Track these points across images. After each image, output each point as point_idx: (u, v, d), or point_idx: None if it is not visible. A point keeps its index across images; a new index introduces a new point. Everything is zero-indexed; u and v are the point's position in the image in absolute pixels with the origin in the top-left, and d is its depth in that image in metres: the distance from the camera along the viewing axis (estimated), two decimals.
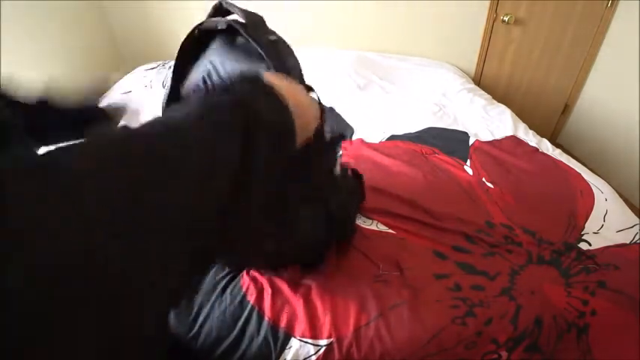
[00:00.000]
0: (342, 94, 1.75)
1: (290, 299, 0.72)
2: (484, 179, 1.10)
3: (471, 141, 1.33)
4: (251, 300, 0.72)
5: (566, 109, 2.29)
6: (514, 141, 1.33)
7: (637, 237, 0.89)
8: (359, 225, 0.90)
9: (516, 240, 0.88)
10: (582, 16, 1.97)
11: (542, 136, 1.39)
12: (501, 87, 2.24)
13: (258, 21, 0.58)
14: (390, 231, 0.90)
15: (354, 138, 1.38)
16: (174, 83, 0.62)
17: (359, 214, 0.94)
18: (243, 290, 0.74)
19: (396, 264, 0.80)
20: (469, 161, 1.20)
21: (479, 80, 2.22)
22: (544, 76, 2.19)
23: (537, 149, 1.28)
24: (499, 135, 1.37)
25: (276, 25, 0.58)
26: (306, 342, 0.67)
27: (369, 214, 0.94)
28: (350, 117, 1.54)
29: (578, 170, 1.15)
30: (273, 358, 0.65)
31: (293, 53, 0.58)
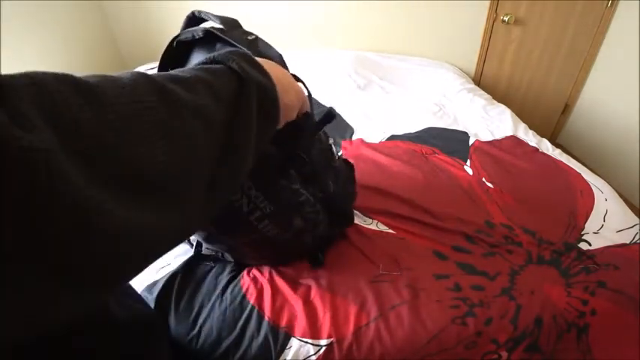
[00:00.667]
0: (342, 94, 1.75)
1: (290, 299, 0.73)
2: (484, 179, 1.10)
3: (471, 141, 1.33)
4: (251, 300, 0.72)
5: (566, 109, 2.29)
6: (514, 141, 1.33)
7: (637, 237, 0.89)
8: (359, 225, 0.90)
9: (516, 240, 0.88)
10: (582, 16, 1.97)
11: (542, 136, 1.39)
12: (501, 87, 2.24)
13: (233, 23, 0.59)
14: (390, 231, 0.90)
15: (354, 138, 1.38)
16: None
17: (359, 213, 0.94)
18: (243, 290, 0.74)
19: (396, 264, 0.80)
20: (469, 161, 1.20)
21: (479, 80, 2.22)
22: (544, 76, 2.19)
23: (537, 149, 1.28)
24: (499, 135, 1.37)
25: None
26: (306, 342, 0.67)
27: (369, 214, 0.94)
28: (350, 117, 1.54)
29: (578, 170, 1.15)
30: (273, 359, 0.65)
31: (273, 48, 0.59)
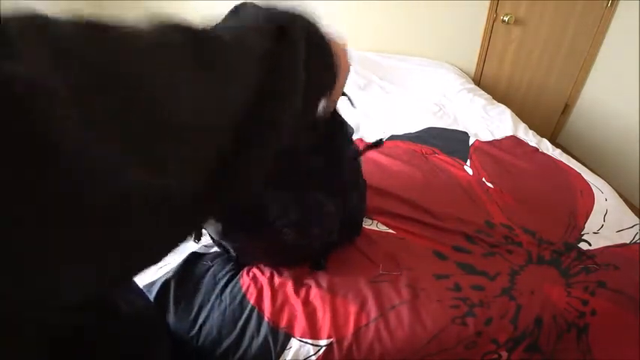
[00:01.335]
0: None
1: (290, 299, 0.72)
2: (484, 179, 1.10)
3: (471, 141, 1.33)
4: (251, 300, 0.72)
5: (566, 109, 2.29)
6: (514, 141, 1.33)
7: (637, 237, 0.89)
8: None
9: (516, 240, 0.88)
10: (582, 16, 1.97)
11: (542, 136, 1.39)
12: (501, 87, 2.24)
13: None
14: (390, 231, 0.90)
15: (354, 138, 1.38)
16: None
17: None
18: (243, 290, 0.74)
19: (396, 264, 0.80)
20: (469, 161, 1.20)
21: (479, 80, 2.22)
22: (544, 76, 2.19)
23: (537, 149, 1.28)
24: (499, 135, 1.37)
25: None
26: (305, 342, 0.66)
27: (369, 214, 0.94)
28: (350, 117, 1.54)
29: (578, 170, 1.15)
30: (273, 359, 0.65)
31: None
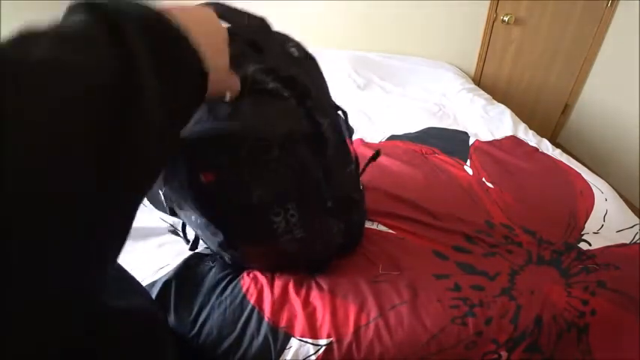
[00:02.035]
0: (342, 94, 1.75)
1: (290, 299, 0.72)
2: (484, 179, 1.10)
3: (471, 141, 1.33)
4: (251, 300, 0.72)
5: (566, 109, 2.29)
6: (514, 141, 1.33)
7: (637, 237, 0.89)
8: None
9: (516, 240, 0.88)
10: (582, 16, 1.97)
11: (542, 136, 1.39)
12: (501, 87, 2.25)
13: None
14: (390, 231, 0.90)
15: (354, 138, 1.38)
16: None
17: None
18: (243, 290, 0.74)
19: (396, 264, 0.80)
20: (469, 161, 1.20)
21: (479, 80, 2.22)
22: (544, 76, 2.20)
23: (537, 149, 1.28)
24: (499, 135, 1.37)
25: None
26: (305, 342, 0.66)
27: (369, 214, 0.94)
28: (350, 117, 1.54)
29: (578, 170, 1.15)
30: (273, 358, 0.65)
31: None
